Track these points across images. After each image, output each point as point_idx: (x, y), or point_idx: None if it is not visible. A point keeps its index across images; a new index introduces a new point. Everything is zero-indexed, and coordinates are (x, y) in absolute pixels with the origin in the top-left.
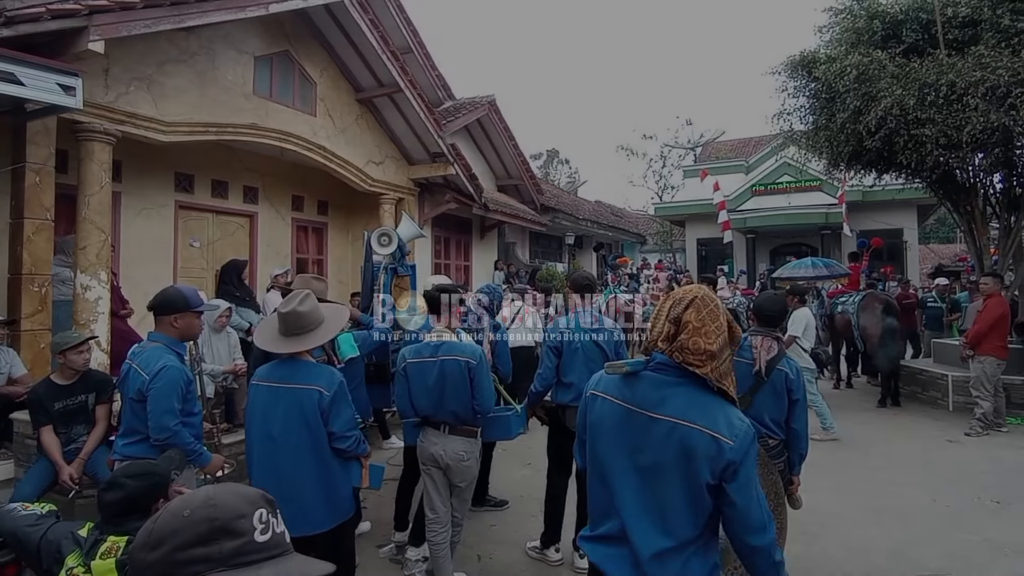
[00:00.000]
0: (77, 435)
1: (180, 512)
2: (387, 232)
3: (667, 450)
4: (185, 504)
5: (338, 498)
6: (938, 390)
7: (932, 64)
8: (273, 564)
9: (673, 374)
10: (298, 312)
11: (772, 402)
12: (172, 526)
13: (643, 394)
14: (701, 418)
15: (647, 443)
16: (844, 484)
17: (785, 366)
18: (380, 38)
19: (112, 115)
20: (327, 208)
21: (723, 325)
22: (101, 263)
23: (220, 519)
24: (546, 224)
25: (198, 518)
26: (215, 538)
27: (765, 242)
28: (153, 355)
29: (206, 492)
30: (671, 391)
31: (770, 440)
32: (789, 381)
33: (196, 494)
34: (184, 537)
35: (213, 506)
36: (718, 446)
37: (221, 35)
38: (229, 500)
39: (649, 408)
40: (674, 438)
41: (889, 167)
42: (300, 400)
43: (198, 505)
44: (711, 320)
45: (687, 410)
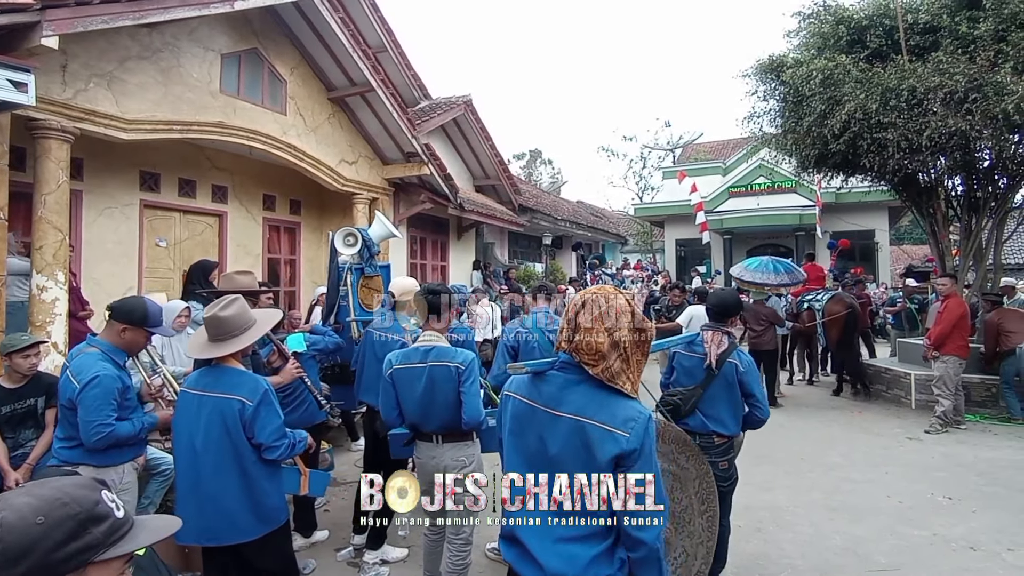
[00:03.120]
0: (25, 440)
1: (31, 521)
2: (352, 232)
3: (569, 446)
4: (31, 512)
5: (265, 507)
6: (902, 388)
7: (894, 69)
8: (137, 529)
9: (574, 372)
10: (218, 317)
11: (725, 394)
12: (31, 535)
13: (548, 393)
14: (598, 414)
15: (552, 438)
16: (802, 482)
17: (736, 358)
18: (351, 36)
19: (69, 112)
20: (300, 208)
21: (614, 326)
22: (58, 263)
23: (82, 511)
24: (524, 224)
25: (58, 518)
26: (86, 529)
27: (742, 243)
28: (86, 362)
29: (46, 494)
30: (572, 389)
31: (715, 438)
32: (740, 373)
33: (28, 502)
34: (54, 539)
35: (67, 504)
36: (614, 439)
37: (186, 32)
38: (78, 493)
39: (553, 406)
40: (574, 434)
41: (854, 170)
42: (222, 409)
43: (49, 508)
44: (604, 320)
45: (585, 407)
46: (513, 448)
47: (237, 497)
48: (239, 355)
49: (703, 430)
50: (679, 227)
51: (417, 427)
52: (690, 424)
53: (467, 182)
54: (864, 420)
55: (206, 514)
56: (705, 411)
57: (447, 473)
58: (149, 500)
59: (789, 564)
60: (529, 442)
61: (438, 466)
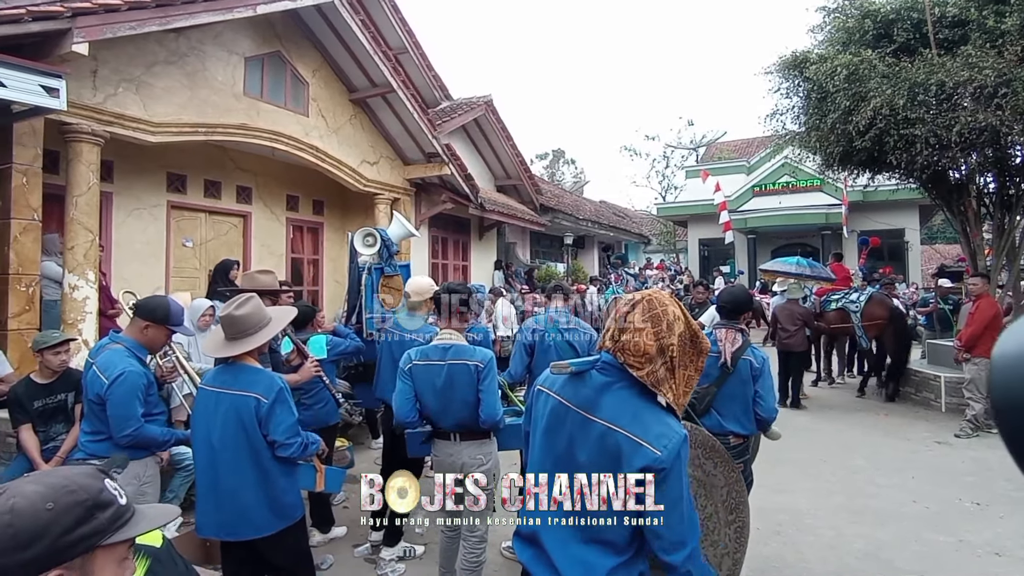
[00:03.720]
0: (56, 434)
1: (41, 507)
2: (371, 232)
3: (598, 452)
4: (40, 499)
5: (281, 503)
6: (931, 391)
7: (922, 63)
8: (139, 516)
9: (615, 375)
10: (233, 316)
11: (740, 393)
12: (41, 520)
13: (584, 394)
14: (631, 425)
15: (581, 443)
16: (824, 485)
17: (750, 355)
18: (372, 38)
19: (100, 116)
20: (323, 208)
21: (664, 331)
22: (89, 263)
23: (89, 498)
24: (545, 224)
25: (66, 505)
26: (92, 514)
27: (766, 242)
28: (113, 358)
29: (54, 482)
30: (609, 393)
31: (731, 438)
32: (754, 369)
33: (37, 490)
34: (63, 524)
35: (74, 491)
36: (644, 455)
37: (211, 36)
38: (84, 481)
39: (586, 409)
40: (605, 442)
41: (881, 167)
42: (238, 407)
43: (58, 495)
44: (655, 322)
45: (619, 415)
46: (542, 447)
47: (253, 493)
48: (256, 353)
49: (719, 430)
50: (702, 227)
51: (434, 423)
52: (705, 424)
53: (488, 182)
54: (890, 423)
55: (224, 509)
56: (720, 410)
57: (465, 471)
58: (174, 494)
59: (807, 568)
60: (559, 443)
61: (455, 464)
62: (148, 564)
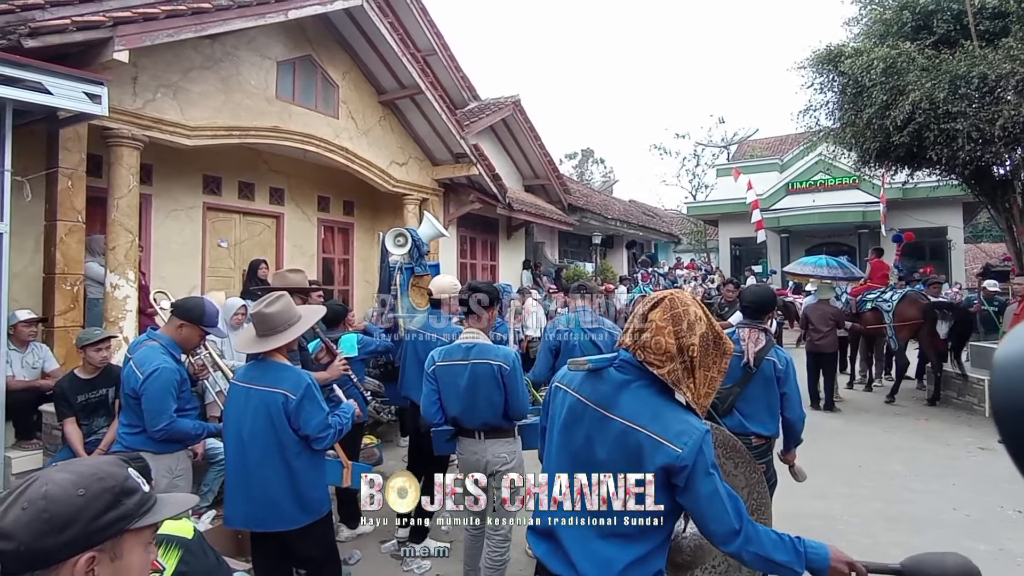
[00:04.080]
0: (98, 427)
1: (73, 494)
2: (402, 232)
3: (618, 450)
4: (72, 486)
5: (307, 498)
6: (974, 395)
7: (963, 56)
8: (161, 503)
9: (633, 373)
10: (263, 313)
11: (763, 393)
12: (74, 505)
13: (602, 392)
14: (651, 423)
15: (600, 441)
16: (860, 491)
17: (774, 356)
18: (400, 41)
19: (139, 121)
20: (353, 208)
21: (684, 330)
22: (129, 263)
23: (117, 485)
24: (574, 224)
25: (96, 491)
26: (120, 500)
27: (800, 241)
28: (149, 355)
29: (84, 470)
30: (628, 392)
31: (753, 439)
32: (778, 370)
33: (68, 477)
34: (94, 509)
35: (103, 479)
36: (665, 453)
37: (245, 41)
38: (111, 470)
39: (605, 406)
40: (624, 440)
41: (920, 163)
42: (267, 402)
43: (88, 482)
44: (676, 322)
45: (639, 414)
46: (560, 444)
47: (281, 487)
48: (285, 350)
49: (741, 430)
50: (734, 226)
51: (459, 423)
52: (727, 424)
53: (516, 182)
54: (930, 428)
55: (253, 501)
56: (743, 410)
57: (489, 469)
58: (208, 488)
59: None
60: (576, 440)
61: (480, 462)
62: (180, 555)
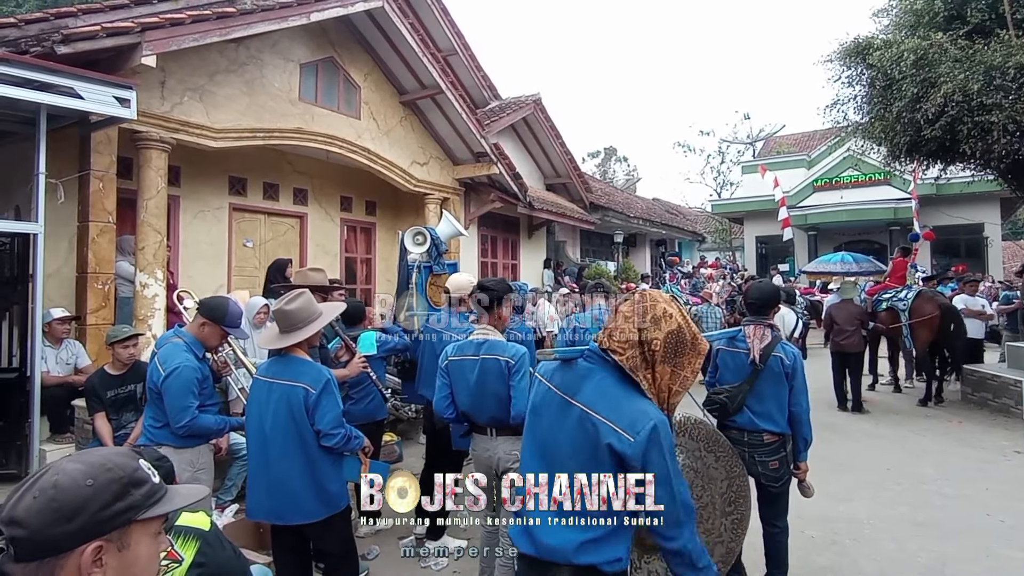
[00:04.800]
0: (126, 422)
1: (82, 483)
2: (421, 231)
3: (578, 436)
4: (81, 476)
5: (327, 491)
6: (1011, 397)
7: (999, 45)
8: (171, 494)
9: (599, 363)
10: (283, 310)
11: (772, 390)
12: (82, 495)
13: (568, 380)
14: (607, 411)
15: (561, 425)
16: (887, 495)
17: (780, 351)
18: (421, 41)
19: (167, 124)
20: (375, 208)
21: (649, 323)
22: (158, 262)
23: (125, 476)
24: (595, 223)
25: (105, 481)
26: (128, 491)
27: (828, 239)
28: (172, 352)
29: (93, 460)
30: (592, 380)
31: (765, 436)
32: (785, 365)
33: (78, 467)
34: (102, 500)
35: (111, 469)
36: (619, 440)
37: (269, 44)
38: (120, 460)
39: (569, 393)
40: (582, 425)
41: (952, 158)
42: (288, 396)
43: (97, 473)
44: (641, 314)
45: (598, 401)
46: (529, 428)
47: (301, 480)
48: (306, 345)
49: (752, 427)
50: (760, 223)
51: (470, 418)
52: (738, 422)
53: (538, 181)
54: (963, 431)
55: (274, 494)
56: (753, 408)
57: (500, 466)
58: (232, 482)
59: None
60: (543, 425)
61: (491, 459)
62: (198, 546)
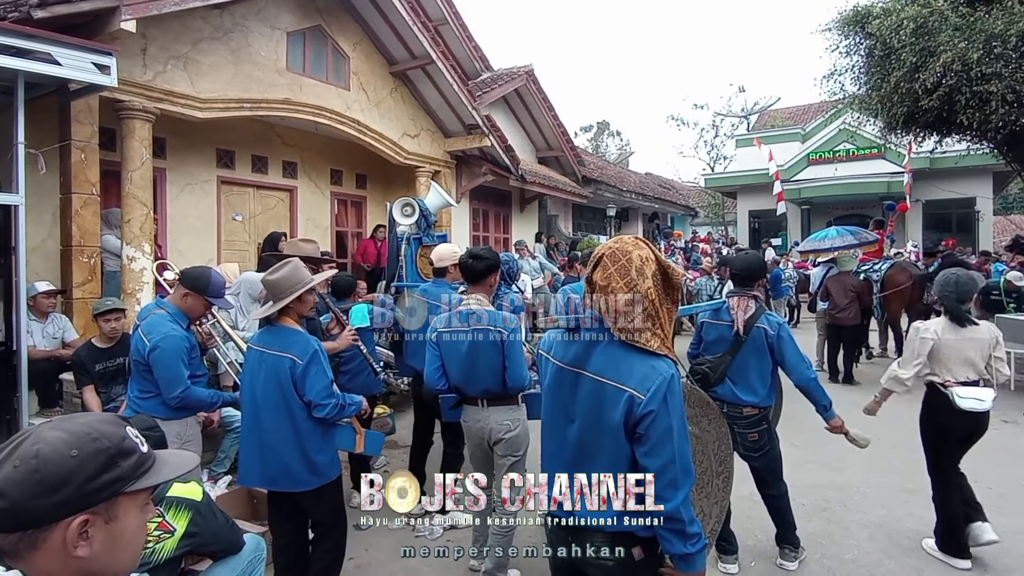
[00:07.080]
0: (116, 395)
1: (66, 454)
2: (410, 202)
3: (591, 405)
4: (65, 446)
5: (315, 462)
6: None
7: (1001, 13)
8: (160, 464)
9: (600, 330)
10: (268, 280)
11: (755, 361)
12: (67, 467)
13: (574, 352)
14: (616, 374)
15: (574, 400)
16: (878, 463)
17: (764, 322)
18: (411, 9)
19: (150, 93)
20: (365, 181)
21: (635, 278)
22: (145, 235)
23: (112, 446)
24: (588, 196)
25: (91, 452)
26: (115, 462)
27: (821, 213)
28: (156, 322)
29: (77, 429)
30: (598, 348)
31: (745, 409)
32: (769, 336)
33: (61, 436)
34: (87, 471)
35: (97, 439)
36: (628, 399)
37: (254, 11)
38: (106, 428)
39: (578, 365)
40: (596, 395)
41: (949, 129)
42: (276, 366)
43: (81, 443)
44: (623, 274)
45: (606, 367)
46: (548, 408)
47: (291, 450)
48: (295, 315)
49: (733, 400)
50: (752, 198)
51: (462, 390)
52: (719, 393)
53: (530, 154)
54: None
55: (266, 461)
56: (734, 379)
57: (492, 436)
58: (224, 454)
59: (855, 546)
60: (558, 402)
61: (484, 429)
62: (190, 516)
